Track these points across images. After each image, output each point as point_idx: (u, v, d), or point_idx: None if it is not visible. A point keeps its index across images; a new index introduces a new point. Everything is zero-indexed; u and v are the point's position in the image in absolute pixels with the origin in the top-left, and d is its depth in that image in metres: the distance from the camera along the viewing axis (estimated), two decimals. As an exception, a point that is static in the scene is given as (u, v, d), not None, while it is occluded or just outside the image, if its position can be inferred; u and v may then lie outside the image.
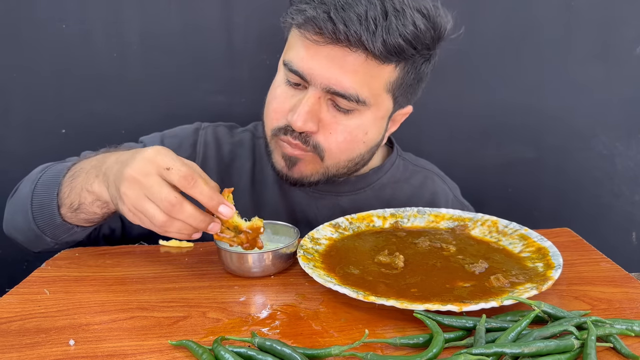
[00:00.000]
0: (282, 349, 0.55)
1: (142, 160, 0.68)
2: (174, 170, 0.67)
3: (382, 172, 0.99)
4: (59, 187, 0.80)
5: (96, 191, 0.75)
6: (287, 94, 0.84)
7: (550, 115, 1.27)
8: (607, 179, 1.31)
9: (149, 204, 0.67)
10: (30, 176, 0.86)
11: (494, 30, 1.22)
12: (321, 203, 0.97)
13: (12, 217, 0.87)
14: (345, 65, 0.78)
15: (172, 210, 0.67)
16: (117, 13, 1.15)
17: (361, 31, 0.75)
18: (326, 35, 0.77)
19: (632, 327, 0.58)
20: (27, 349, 0.59)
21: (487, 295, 0.65)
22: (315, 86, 0.80)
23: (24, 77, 1.17)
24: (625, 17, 1.21)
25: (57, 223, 0.80)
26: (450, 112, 1.26)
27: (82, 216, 0.80)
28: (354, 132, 0.84)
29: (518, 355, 0.53)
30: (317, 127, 0.82)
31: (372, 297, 0.63)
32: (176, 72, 1.19)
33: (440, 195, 1.02)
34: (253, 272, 0.75)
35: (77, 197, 0.78)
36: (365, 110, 0.83)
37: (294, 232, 0.81)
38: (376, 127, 0.87)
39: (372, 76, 0.80)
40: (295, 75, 0.82)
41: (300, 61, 0.80)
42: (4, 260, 1.22)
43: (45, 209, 0.80)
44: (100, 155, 0.80)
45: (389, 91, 0.84)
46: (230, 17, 1.17)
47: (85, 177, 0.77)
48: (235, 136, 1.02)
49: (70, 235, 0.83)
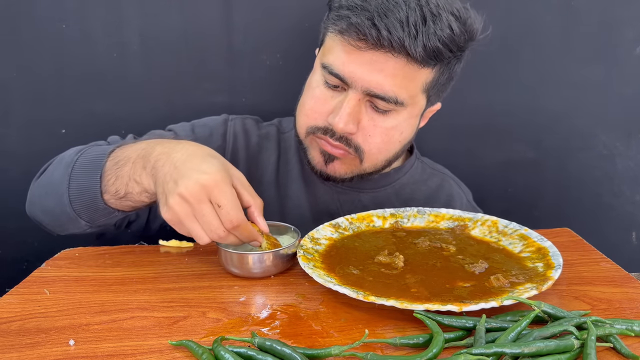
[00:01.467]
0: (282, 349, 0.55)
1: (197, 184, 0.69)
2: (224, 211, 0.69)
3: (402, 173, 1.03)
4: (101, 172, 0.79)
5: (145, 183, 0.76)
6: (326, 95, 0.87)
7: (550, 115, 1.27)
8: (607, 179, 1.31)
9: (197, 225, 0.70)
10: (63, 159, 0.85)
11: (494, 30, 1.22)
12: (343, 198, 1.00)
13: (40, 200, 0.86)
14: (385, 69, 0.80)
15: (218, 239, 0.71)
16: (117, 13, 1.15)
17: (404, 37, 0.77)
18: (369, 41, 0.79)
19: (632, 327, 0.58)
20: (27, 349, 0.59)
21: (487, 295, 0.65)
22: (356, 89, 0.83)
23: (24, 77, 1.17)
24: (625, 17, 1.21)
25: (99, 207, 0.80)
26: (450, 112, 1.25)
27: (127, 203, 0.80)
28: (390, 133, 0.87)
29: (518, 355, 0.53)
30: (357, 128, 0.85)
31: (372, 297, 0.63)
32: (176, 72, 1.19)
33: (456, 198, 1.05)
34: (253, 273, 0.75)
35: (123, 186, 0.78)
36: (401, 110, 0.86)
37: (294, 233, 0.81)
38: (410, 126, 0.90)
39: (410, 79, 0.82)
40: (335, 78, 0.84)
41: (342, 65, 0.82)
42: (4, 260, 1.22)
43: (85, 193, 0.79)
44: (144, 142, 0.80)
45: (424, 91, 0.86)
46: (231, 17, 1.17)
47: (132, 167, 0.77)
48: (262, 129, 1.05)
49: (110, 219, 0.83)
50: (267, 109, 1.13)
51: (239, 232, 0.72)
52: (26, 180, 0.91)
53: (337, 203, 1.00)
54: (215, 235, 0.70)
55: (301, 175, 1.01)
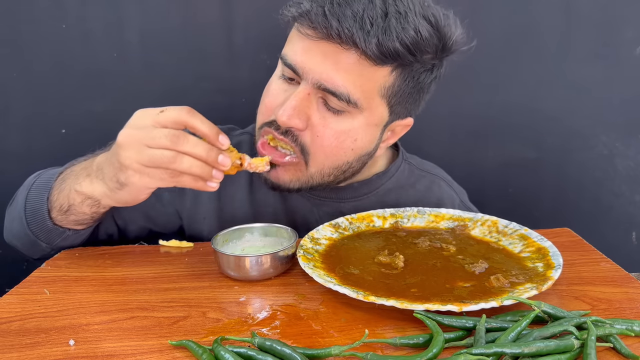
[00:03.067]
0: (282, 349, 0.55)
1: (132, 120, 0.69)
2: (167, 109, 0.67)
3: (387, 178, 0.97)
4: (49, 191, 0.80)
5: (85, 190, 0.76)
6: (280, 88, 0.82)
7: (550, 115, 1.27)
8: (607, 179, 1.31)
9: (152, 149, 0.66)
10: (26, 183, 0.86)
11: (494, 30, 1.22)
12: (323, 209, 0.94)
13: (10, 225, 0.87)
14: (338, 63, 0.76)
15: (177, 142, 0.66)
16: (117, 12, 1.15)
17: (354, 29, 0.73)
18: (319, 30, 0.75)
19: (632, 327, 0.58)
20: (27, 349, 0.59)
21: (487, 295, 0.65)
22: (307, 81, 0.78)
23: (24, 76, 1.17)
24: (625, 17, 1.21)
25: (49, 227, 0.81)
26: (450, 112, 1.26)
27: (72, 218, 0.80)
28: (341, 137, 0.81)
29: (518, 355, 0.53)
30: (305, 125, 0.79)
31: (372, 297, 0.63)
32: (176, 72, 1.19)
33: (447, 201, 0.99)
34: (251, 276, 0.74)
35: (65, 198, 0.78)
36: (356, 114, 0.80)
37: (291, 235, 0.80)
38: (367, 135, 0.83)
39: (365, 78, 0.77)
40: (289, 69, 0.80)
41: (294, 54, 0.79)
42: (4, 260, 1.22)
43: (37, 214, 0.81)
44: (90, 156, 0.81)
45: (383, 97, 0.81)
46: (231, 16, 1.17)
47: (74, 179, 0.78)
48: (234, 138, 1.00)
49: (64, 240, 0.83)
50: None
51: (194, 122, 0.67)
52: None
53: (315, 215, 0.94)
54: (171, 136, 0.66)
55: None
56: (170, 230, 0.97)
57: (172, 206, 0.95)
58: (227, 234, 0.81)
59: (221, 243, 0.79)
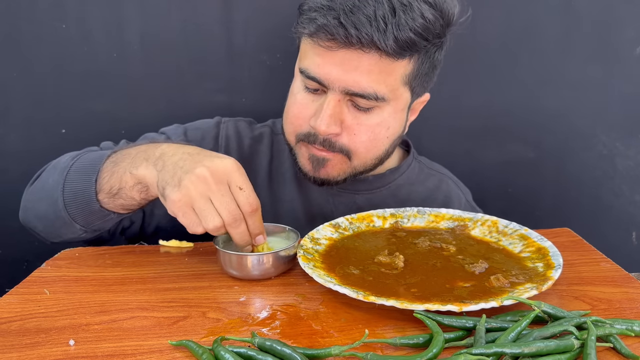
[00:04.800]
0: (282, 349, 0.55)
1: (220, 166, 0.70)
2: (245, 193, 0.71)
3: (399, 173, 1.01)
4: (97, 173, 0.79)
5: (140, 174, 0.76)
6: (307, 99, 0.86)
7: (550, 115, 1.27)
8: (607, 179, 1.31)
9: (211, 207, 0.70)
10: (58, 164, 0.85)
11: (494, 30, 1.22)
12: (338, 200, 0.99)
13: (34, 205, 0.86)
14: (360, 67, 0.80)
15: (232, 224, 0.71)
16: (117, 13, 1.15)
17: (372, 32, 0.76)
18: (339, 41, 0.78)
19: (632, 327, 0.58)
20: (27, 349, 0.59)
21: (487, 295, 0.65)
22: (334, 90, 0.82)
23: (24, 76, 1.17)
24: (625, 17, 1.21)
25: (94, 209, 0.80)
26: (450, 112, 1.26)
27: (119, 202, 0.80)
28: (376, 130, 0.86)
29: (518, 355, 0.53)
30: (341, 129, 0.84)
31: (372, 297, 0.63)
32: (176, 72, 1.19)
33: (454, 199, 1.03)
34: (253, 275, 0.74)
35: (117, 181, 0.78)
36: (384, 106, 0.84)
37: (294, 235, 0.80)
38: (397, 121, 0.88)
39: (387, 73, 0.81)
40: (313, 82, 0.83)
41: (317, 67, 0.82)
42: (4, 260, 1.22)
43: (80, 196, 0.80)
44: (149, 143, 0.81)
45: (406, 84, 0.85)
46: (231, 17, 1.17)
47: (131, 161, 0.77)
48: (255, 131, 1.04)
49: (105, 222, 0.83)
50: (267, 109, 1.13)
51: (254, 220, 0.72)
52: (26, 180, 0.91)
53: (331, 205, 0.99)
54: (231, 216, 0.70)
55: (294, 178, 0.99)
56: None
57: None
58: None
59: (222, 242, 0.79)
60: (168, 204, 0.72)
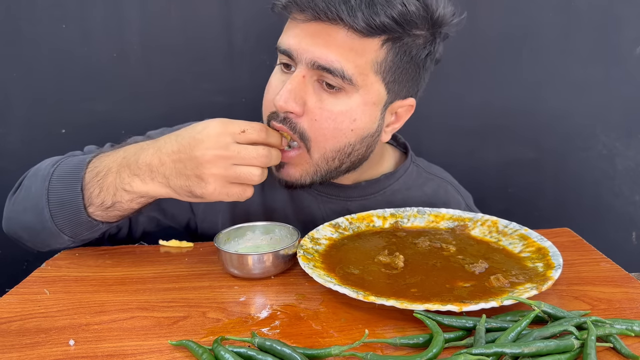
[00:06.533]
0: (282, 349, 0.55)
1: (214, 137, 0.72)
2: (248, 130, 0.73)
3: (394, 178, 0.98)
4: (81, 183, 0.78)
5: (139, 190, 0.75)
6: (279, 80, 0.85)
7: (550, 115, 1.27)
8: (607, 179, 1.31)
9: (241, 168, 0.72)
10: (39, 171, 0.83)
11: (494, 30, 1.22)
12: (329, 207, 0.96)
13: (18, 216, 0.84)
14: (329, 40, 0.78)
15: (267, 162, 0.74)
16: (117, 13, 1.15)
17: (338, 5, 0.75)
18: (307, 12, 0.78)
19: (632, 327, 0.58)
20: (27, 349, 0.59)
21: (487, 295, 0.65)
22: (301, 62, 0.80)
23: (24, 76, 1.17)
24: (625, 17, 1.21)
25: (82, 220, 0.79)
26: (450, 112, 1.26)
27: (115, 213, 0.79)
28: (339, 119, 0.81)
29: (518, 355, 0.53)
30: (302, 110, 0.80)
31: (372, 297, 0.63)
32: (176, 72, 1.19)
33: (453, 206, 0.99)
34: (253, 274, 0.75)
35: (110, 196, 0.77)
36: (352, 92, 0.80)
37: (294, 233, 0.80)
38: (366, 115, 0.83)
39: (356, 53, 0.79)
40: (284, 55, 0.82)
41: (287, 39, 0.81)
42: (4, 260, 1.22)
43: (67, 207, 0.78)
44: (121, 151, 0.79)
45: (377, 72, 0.81)
46: (230, 17, 1.17)
47: (117, 177, 0.76)
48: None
49: (93, 232, 0.82)
50: (267, 109, 1.13)
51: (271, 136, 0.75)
52: (26, 180, 0.91)
53: (322, 213, 0.95)
54: (264, 158, 0.72)
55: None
56: (177, 224, 0.98)
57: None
58: (230, 232, 0.81)
59: (223, 241, 0.79)
60: (207, 199, 0.74)
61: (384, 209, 0.90)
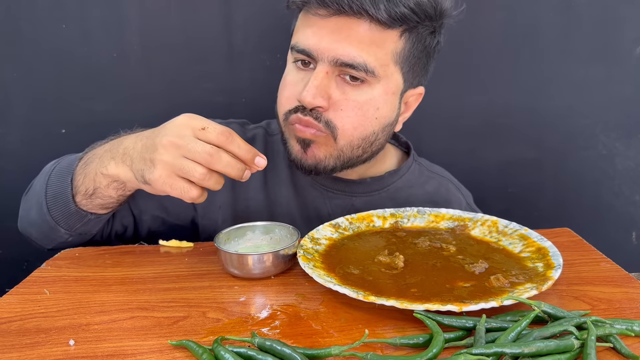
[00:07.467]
0: (282, 349, 0.55)
1: (176, 126, 0.71)
2: (209, 128, 0.70)
3: (398, 176, 0.99)
4: (72, 175, 0.81)
5: (112, 173, 0.76)
6: (297, 77, 0.85)
7: (551, 115, 1.27)
8: (607, 179, 1.31)
9: (187, 161, 0.69)
10: (44, 170, 0.87)
11: (494, 30, 1.22)
12: (335, 202, 0.97)
13: (27, 213, 0.88)
14: (351, 35, 0.79)
15: (211, 161, 0.69)
16: (117, 13, 1.15)
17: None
18: (331, 7, 0.78)
19: (632, 327, 0.58)
20: (27, 349, 0.59)
21: (487, 295, 0.65)
22: (323, 60, 0.81)
23: (24, 76, 1.17)
24: (625, 17, 1.21)
25: (72, 211, 0.81)
26: (450, 112, 1.26)
27: (97, 201, 0.81)
28: (364, 107, 0.83)
29: (518, 355, 0.53)
30: (328, 103, 0.82)
31: (372, 297, 0.63)
32: (176, 72, 1.19)
33: (454, 203, 1.02)
34: (253, 274, 0.75)
35: (91, 182, 0.79)
36: (374, 83, 0.83)
37: (294, 233, 0.80)
38: (387, 104, 0.86)
39: (377, 45, 0.80)
40: (303, 55, 0.82)
41: (306, 39, 0.81)
42: (4, 260, 1.22)
43: (59, 198, 0.81)
44: (112, 140, 0.81)
45: (396, 63, 0.84)
46: (230, 17, 1.17)
47: (99, 162, 0.78)
48: (248, 132, 1.02)
49: (84, 225, 0.84)
50: (266, 109, 1.13)
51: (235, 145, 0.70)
52: (26, 180, 0.91)
53: (328, 208, 0.97)
54: (206, 155, 0.68)
55: (290, 180, 0.97)
56: (182, 222, 0.98)
57: None
58: (230, 232, 0.81)
59: (223, 241, 0.79)
60: (154, 186, 0.72)
61: (384, 209, 0.90)
